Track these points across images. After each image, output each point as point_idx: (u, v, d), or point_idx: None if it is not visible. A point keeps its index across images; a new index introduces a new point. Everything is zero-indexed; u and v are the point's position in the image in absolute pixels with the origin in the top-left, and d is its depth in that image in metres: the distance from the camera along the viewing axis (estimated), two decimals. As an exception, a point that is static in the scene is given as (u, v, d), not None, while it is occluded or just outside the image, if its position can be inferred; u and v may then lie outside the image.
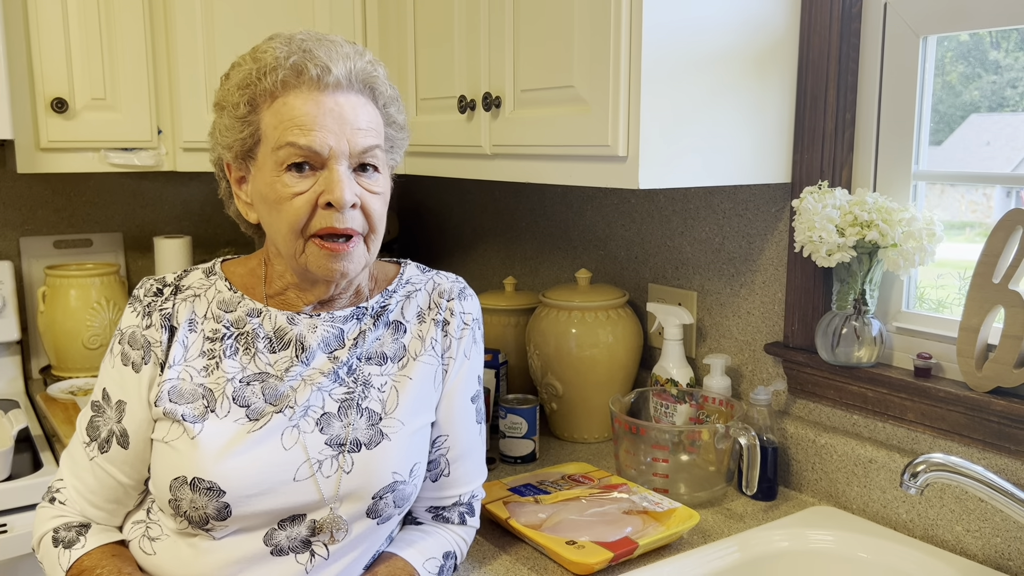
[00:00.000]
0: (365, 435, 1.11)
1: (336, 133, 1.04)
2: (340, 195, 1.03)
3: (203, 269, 1.18)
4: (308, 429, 1.09)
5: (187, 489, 1.04)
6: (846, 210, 1.36)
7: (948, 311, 1.42)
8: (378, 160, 1.09)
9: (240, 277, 1.17)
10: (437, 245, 2.56)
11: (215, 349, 1.11)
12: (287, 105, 1.04)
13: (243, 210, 1.14)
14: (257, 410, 1.08)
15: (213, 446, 1.05)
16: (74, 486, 1.13)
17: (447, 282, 1.23)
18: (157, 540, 1.10)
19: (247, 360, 1.11)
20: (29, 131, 1.82)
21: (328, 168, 1.05)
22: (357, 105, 1.07)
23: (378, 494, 1.10)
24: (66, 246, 2.26)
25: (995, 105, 1.37)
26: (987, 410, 1.26)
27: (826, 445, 1.46)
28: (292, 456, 1.07)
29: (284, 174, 1.05)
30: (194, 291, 1.14)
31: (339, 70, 1.05)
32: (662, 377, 1.66)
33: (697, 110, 1.33)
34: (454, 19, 1.62)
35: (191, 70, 1.90)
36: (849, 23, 1.41)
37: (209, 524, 1.05)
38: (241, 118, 1.07)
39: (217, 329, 1.12)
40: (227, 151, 1.11)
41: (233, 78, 1.09)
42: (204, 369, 1.10)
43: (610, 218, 1.92)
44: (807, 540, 1.34)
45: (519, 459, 1.66)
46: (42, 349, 2.21)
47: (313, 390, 1.11)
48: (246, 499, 1.04)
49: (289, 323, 1.13)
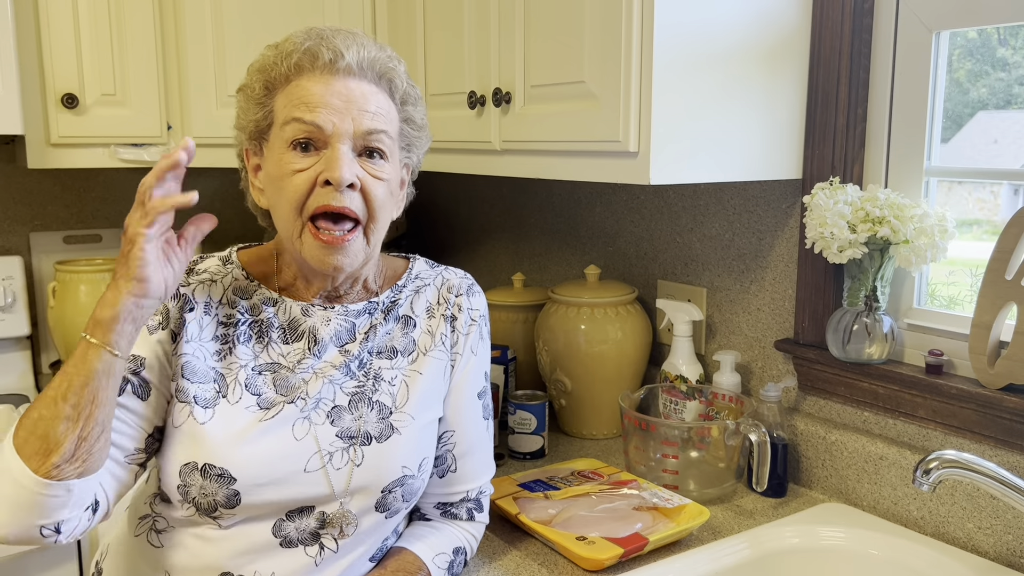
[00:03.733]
0: (376, 428, 1.11)
1: (341, 112, 1.04)
2: (339, 173, 1.03)
3: (219, 257, 1.17)
4: (319, 421, 1.09)
5: (197, 475, 1.04)
6: (858, 206, 1.35)
7: (960, 308, 1.42)
8: (384, 145, 1.08)
9: (255, 266, 1.17)
10: (446, 241, 2.56)
11: (228, 334, 1.11)
12: (299, 87, 1.06)
13: (256, 197, 1.14)
14: (268, 400, 1.08)
15: (225, 432, 1.05)
16: None
17: (455, 277, 1.23)
18: (164, 532, 1.10)
19: (260, 349, 1.11)
20: (39, 126, 1.82)
21: (331, 147, 1.05)
22: (368, 92, 1.07)
23: (387, 487, 1.10)
24: (76, 241, 2.26)
25: (1003, 103, 1.36)
26: (999, 407, 1.25)
27: (836, 442, 1.46)
28: (303, 447, 1.07)
29: (289, 151, 1.06)
30: (211, 275, 1.14)
31: (352, 56, 1.06)
32: (671, 374, 1.66)
33: (708, 106, 1.33)
34: (464, 14, 1.62)
35: (201, 66, 1.91)
36: (861, 19, 1.40)
37: (217, 512, 1.04)
38: (257, 100, 1.09)
39: (231, 315, 1.12)
40: (242, 132, 1.12)
41: (256, 64, 1.11)
42: (217, 353, 1.09)
43: (619, 214, 1.92)
44: (817, 537, 1.34)
45: (528, 455, 1.66)
46: (52, 344, 2.22)
47: (324, 383, 1.11)
48: (256, 488, 1.04)
49: (303, 314, 1.13)
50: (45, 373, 2.22)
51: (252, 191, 1.15)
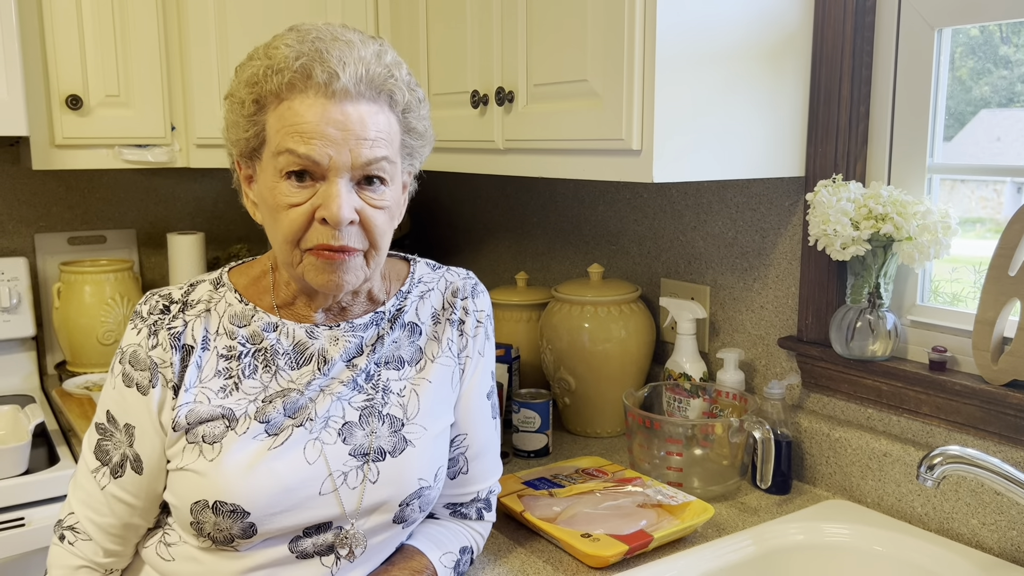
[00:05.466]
0: (388, 443, 1.08)
1: (338, 144, 0.98)
2: (336, 212, 0.98)
3: (210, 280, 1.12)
4: (330, 441, 1.06)
5: (209, 512, 1.00)
6: (860, 203, 1.35)
7: (963, 304, 1.42)
8: (385, 172, 1.03)
9: (247, 287, 1.12)
10: (449, 241, 2.57)
11: (232, 368, 1.06)
12: (291, 110, 0.99)
13: (250, 209, 1.11)
14: (276, 424, 1.05)
15: (234, 466, 1.01)
16: (88, 517, 1.08)
17: (459, 279, 1.21)
18: (174, 546, 1.08)
19: (268, 378, 1.07)
20: (44, 128, 1.83)
21: (328, 181, 0.99)
22: (367, 114, 1.00)
23: (405, 501, 1.09)
24: (80, 242, 2.27)
25: (1005, 100, 1.36)
26: (1003, 403, 1.25)
27: (840, 439, 1.46)
28: (316, 471, 1.04)
29: (283, 182, 1.01)
30: (204, 305, 1.09)
31: (348, 76, 0.99)
32: (675, 371, 1.66)
33: (711, 103, 1.33)
34: (466, 13, 1.62)
35: (204, 66, 1.91)
36: (863, 16, 1.40)
37: (235, 542, 1.02)
38: (247, 116, 1.03)
39: (232, 346, 1.07)
40: (233, 147, 1.08)
41: (244, 72, 1.04)
42: (222, 390, 1.05)
43: (622, 213, 1.92)
44: (822, 534, 1.34)
45: (532, 453, 1.66)
46: (57, 345, 2.23)
47: (332, 400, 1.08)
48: (271, 516, 1.01)
49: (309, 337, 1.10)
50: (50, 374, 2.23)
51: (246, 202, 1.11)
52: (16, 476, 1.60)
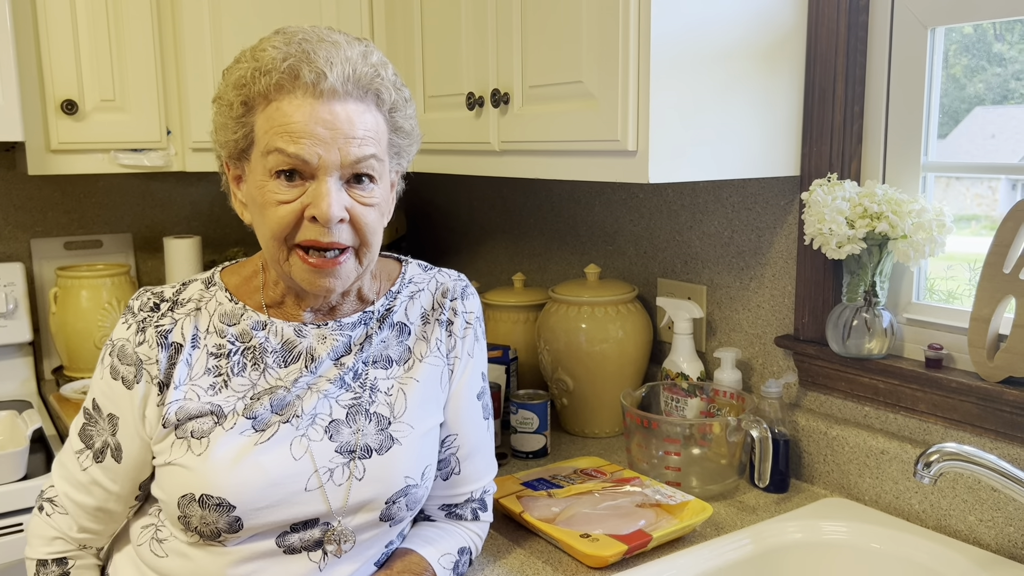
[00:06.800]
0: (375, 440, 1.09)
1: (326, 142, 0.99)
2: (326, 211, 0.99)
3: (202, 280, 1.14)
4: (317, 438, 1.07)
5: (196, 506, 1.02)
6: (856, 202, 1.36)
7: (959, 302, 1.42)
8: (374, 170, 1.04)
9: (238, 286, 1.14)
10: (445, 242, 2.57)
11: (221, 366, 1.08)
12: (279, 111, 1.00)
13: (238, 210, 1.12)
14: (263, 420, 1.06)
15: (220, 461, 1.03)
16: (66, 493, 1.12)
17: (450, 280, 1.21)
18: (166, 541, 1.09)
19: (256, 376, 1.08)
20: (39, 133, 1.83)
21: (317, 180, 1.01)
22: (354, 113, 1.01)
23: (391, 498, 1.09)
24: (76, 247, 2.27)
25: (999, 98, 1.37)
26: (999, 400, 1.26)
27: (838, 437, 1.47)
28: (302, 466, 1.05)
29: (272, 180, 1.01)
30: (195, 304, 1.11)
31: (336, 76, 1.00)
32: (672, 371, 1.67)
33: (706, 104, 1.33)
34: (461, 16, 1.62)
35: (199, 70, 1.91)
36: (857, 16, 1.41)
37: (221, 536, 1.03)
38: (236, 118, 1.04)
39: (221, 344, 1.09)
40: (222, 149, 1.09)
41: (232, 74, 1.05)
42: (211, 387, 1.07)
43: (618, 213, 1.93)
44: (820, 532, 1.35)
45: (531, 454, 1.66)
46: (54, 350, 2.22)
47: (320, 398, 1.09)
48: (257, 511, 1.03)
49: (297, 335, 1.11)
50: (47, 379, 2.23)
51: (234, 203, 1.12)
52: (14, 482, 1.60)
